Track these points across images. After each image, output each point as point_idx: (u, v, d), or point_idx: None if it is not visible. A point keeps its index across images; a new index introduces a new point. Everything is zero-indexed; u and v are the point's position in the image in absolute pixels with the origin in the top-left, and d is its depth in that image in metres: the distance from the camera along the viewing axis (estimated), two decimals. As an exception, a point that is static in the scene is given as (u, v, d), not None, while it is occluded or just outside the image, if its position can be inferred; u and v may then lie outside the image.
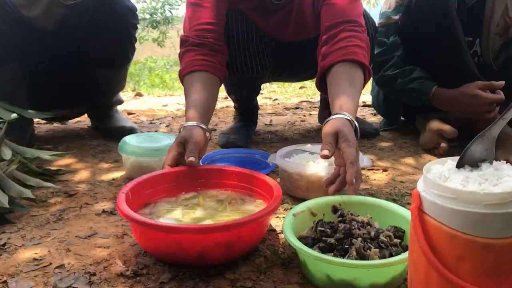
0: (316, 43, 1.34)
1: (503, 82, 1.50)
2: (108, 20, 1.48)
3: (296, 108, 2.49)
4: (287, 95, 3.06)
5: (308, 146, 1.32)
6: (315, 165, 1.17)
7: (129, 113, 2.30)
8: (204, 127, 1.15)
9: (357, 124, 1.08)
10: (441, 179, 0.66)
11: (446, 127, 1.55)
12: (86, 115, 1.93)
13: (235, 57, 1.50)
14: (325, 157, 0.98)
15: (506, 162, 1.51)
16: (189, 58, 1.30)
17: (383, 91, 1.81)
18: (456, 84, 1.53)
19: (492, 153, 0.69)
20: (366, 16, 1.54)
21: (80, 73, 1.64)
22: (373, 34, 1.60)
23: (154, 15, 8.98)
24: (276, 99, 2.85)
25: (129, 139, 1.37)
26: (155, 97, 3.06)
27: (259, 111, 2.01)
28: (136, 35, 1.63)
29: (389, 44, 1.69)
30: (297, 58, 1.64)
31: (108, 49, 1.56)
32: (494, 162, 0.69)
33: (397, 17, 1.68)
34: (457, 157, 0.70)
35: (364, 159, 1.20)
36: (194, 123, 1.14)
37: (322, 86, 1.31)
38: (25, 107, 1.52)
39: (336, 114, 1.07)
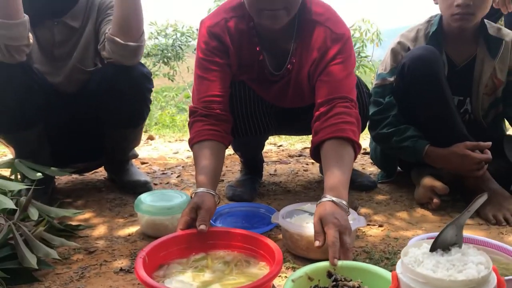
0: (313, 107, 1.48)
1: (489, 143, 1.61)
2: (126, 86, 1.62)
3: (300, 155, 2.62)
4: (291, 140, 3.19)
5: (308, 205, 1.43)
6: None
7: (142, 163, 2.43)
8: (213, 193, 1.28)
9: (344, 202, 1.20)
10: (416, 263, 0.77)
11: (438, 184, 1.66)
12: (103, 167, 2.06)
13: (239, 122, 1.65)
14: (318, 247, 1.10)
15: (494, 218, 1.62)
16: (197, 128, 1.44)
17: (380, 147, 1.93)
18: (447, 143, 1.65)
19: (461, 238, 0.81)
20: (359, 82, 1.69)
21: (99, 131, 1.78)
22: (366, 98, 1.75)
23: (165, 51, 9.28)
24: (280, 145, 2.98)
25: (144, 197, 1.50)
26: (166, 142, 3.21)
27: (265, 158, 2.14)
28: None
29: (385, 104, 1.82)
30: (297, 120, 1.78)
31: (125, 112, 1.70)
32: (463, 246, 0.81)
33: (392, 78, 1.82)
34: (432, 240, 0.82)
35: (360, 220, 1.32)
36: (204, 189, 1.27)
37: (316, 157, 1.44)
38: (47, 164, 1.65)
39: (323, 197, 1.21)
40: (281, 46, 1.55)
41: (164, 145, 3.09)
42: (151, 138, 3.37)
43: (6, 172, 1.73)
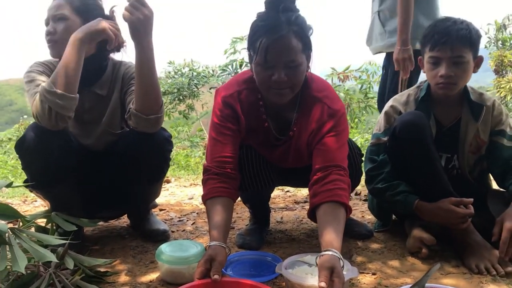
0: (310, 168, 1.70)
1: (471, 199, 1.80)
2: (149, 150, 1.85)
3: (305, 202, 2.82)
4: (299, 185, 3.40)
5: (308, 257, 1.63)
6: (313, 277, 1.48)
7: (161, 209, 2.66)
8: (224, 246, 1.49)
9: (343, 260, 1.40)
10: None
11: (426, 236, 1.85)
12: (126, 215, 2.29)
13: (246, 179, 1.88)
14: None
15: (476, 267, 1.82)
16: (210, 186, 1.67)
17: (375, 199, 2.13)
18: (434, 199, 1.84)
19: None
20: (351, 145, 1.92)
21: (124, 185, 2.01)
22: (358, 158, 1.99)
23: (182, 90, 9.63)
24: (287, 191, 3.19)
25: (164, 248, 1.71)
26: (181, 187, 3.43)
27: (272, 204, 2.35)
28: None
29: (379, 161, 2.02)
30: (295, 177, 2.02)
31: (148, 170, 1.93)
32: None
33: (385, 138, 2.03)
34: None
35: (354, 270, 1.51)
36: (217, 243, 1.48)
37: (312, 216, 1.66)
38: (79, 215, 1.88)
39: (329, 250, 1.39)
40: (285, 115, 1.79)
41: (180, 190, 3.32)
42: (167, 181, 3.61)
43: (42, 221, 1.96)
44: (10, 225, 1.47)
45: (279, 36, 1.55)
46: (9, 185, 1.58)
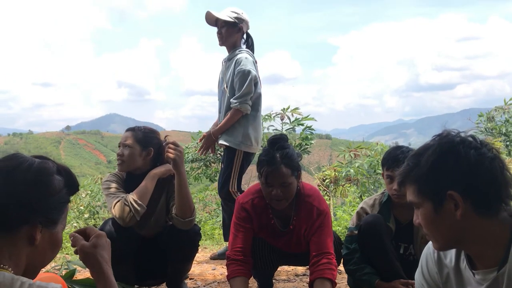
0: (307, 252, 2.47)
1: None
2: (184, 240, 2.62)
3: (304, 274, 3.51)
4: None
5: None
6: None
7: (190, 278, 3.39)
8: None
9: None
10: None
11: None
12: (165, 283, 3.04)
13: (257, 261, 2.65)
14: None
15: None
16: (231, 268, 2.47)
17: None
18: (389, 279, 2.54)
19: None
20: (335, 236, 2.67)
21: (165, 262, 2.77)
22: (339, 246, 2.71)
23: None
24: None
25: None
26: (206, 258, 4.15)
27: (277, 276, 3.05)
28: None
29: (352, 249, 2.73)
30: (297, 259, 2.79)
31: (183, 254, 2.70)
32: None
33: (356, 232, 2.75)
34: None
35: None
36: None
37: None
38: (132, 283, 2.64)
39: None
40: (286, 213, 2.58)
41: (205, 261, 4.05)
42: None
43: None
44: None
45: (273, 168, 2.36)
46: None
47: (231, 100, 3.60)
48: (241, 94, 3.53)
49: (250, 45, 3.84)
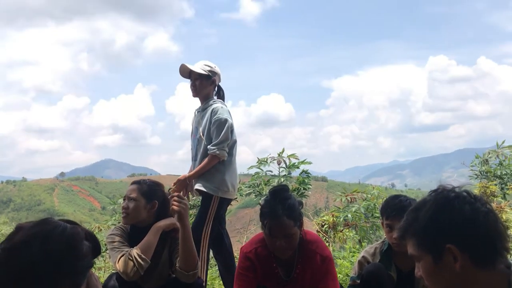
0: None
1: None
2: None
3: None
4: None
5: None
6: None
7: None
8: None
9: None
10: None
11: None
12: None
13: None
14: None
15: None
16: None
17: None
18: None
19: None
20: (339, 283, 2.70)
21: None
22: None
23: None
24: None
25: None
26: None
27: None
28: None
29: (354, 297, 2.76)
30: None
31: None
32: None
33: (358, 281, 2.77)
34: None
35: None
36: None
37: None
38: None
39: None
40: (289, 261, 2.61)
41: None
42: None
43: None
44: None
45: (277, 220, 2.42)
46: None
47: (208, 147, 3.68)
48: (218, 141, 3.63)
49: (221, 96, 3.98)
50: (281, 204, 2.47)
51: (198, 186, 3.70)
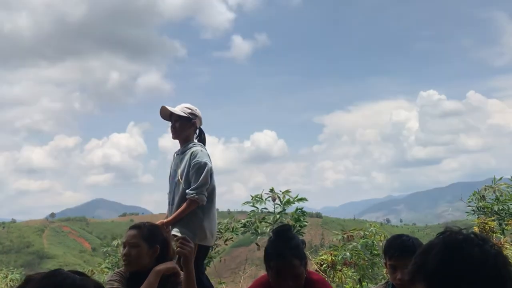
0: None
1: None
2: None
3: None
4: None
5: None
6: None
7: None
8: None
9: None
10: None
11: None
12: None
13: None
14: None
15: None
16: None
17: None
18: None
19: None
20: None
21: None
22: None
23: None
24: None
25: None
26: None
27: None
28: None
29: None
30: None
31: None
32: None
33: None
34: None
35: None
36: None
37: None
38: None
39: None
40: None
41: None
42: None
43: None
44: None
45: (285, 262, 2.36)
46: None
47: (187, 191, 3.58)
48: (198, 185, 3.54)
49: (202, 140, 3.93)
50: (287, 244, 2.41)
51: (175, 231, 3.55)
